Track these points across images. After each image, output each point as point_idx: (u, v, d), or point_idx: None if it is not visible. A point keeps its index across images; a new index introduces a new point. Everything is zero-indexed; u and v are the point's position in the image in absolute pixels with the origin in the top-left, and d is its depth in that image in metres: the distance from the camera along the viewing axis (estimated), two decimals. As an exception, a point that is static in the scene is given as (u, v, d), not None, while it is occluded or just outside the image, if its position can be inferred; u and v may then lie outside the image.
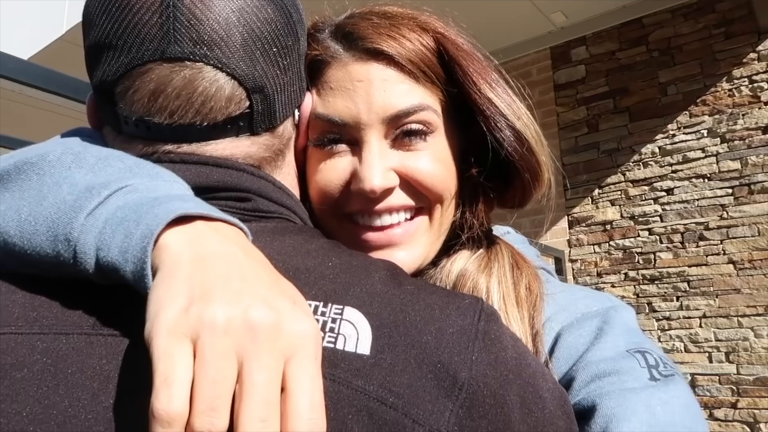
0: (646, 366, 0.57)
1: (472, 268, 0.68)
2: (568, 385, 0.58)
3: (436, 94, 0.67)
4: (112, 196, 0.44)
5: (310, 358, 0.37)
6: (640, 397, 0.53)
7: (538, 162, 0.67)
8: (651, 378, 0.56)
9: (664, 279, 3.96)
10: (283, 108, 0.57)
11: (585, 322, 0.64)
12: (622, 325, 0.63)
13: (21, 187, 0.47)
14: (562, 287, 0.71)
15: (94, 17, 0.52)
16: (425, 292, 0.50)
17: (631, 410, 0.52)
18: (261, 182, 0.56)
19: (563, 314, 0.65)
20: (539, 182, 0.69)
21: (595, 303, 0.67)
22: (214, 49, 0.50)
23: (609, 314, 0.64)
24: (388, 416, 0.41)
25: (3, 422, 0.39)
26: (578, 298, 0.68)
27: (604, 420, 0.52)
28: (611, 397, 0.54)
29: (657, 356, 0.59)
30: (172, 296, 0.37)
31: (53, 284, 0.45)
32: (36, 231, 0.44)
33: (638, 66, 4.19)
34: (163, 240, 0.41)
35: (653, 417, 0.52)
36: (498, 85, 0.67)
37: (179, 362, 0.35)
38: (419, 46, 0.65)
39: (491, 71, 0.68)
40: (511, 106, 0.67)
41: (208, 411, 0.34)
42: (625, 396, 0.54)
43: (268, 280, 0.41)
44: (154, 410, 0.34)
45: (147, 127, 0.52)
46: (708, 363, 3.75)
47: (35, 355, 0.41)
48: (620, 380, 0.55)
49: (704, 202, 3.85)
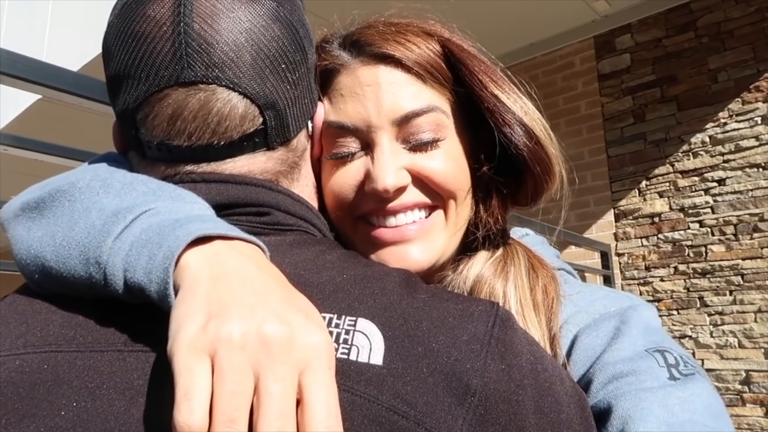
0: (665, 365, 0.56)
1: (488, 273, 0.69)
2: (586, 387, 0.57)
3: (444, 95, 0.68)
4: (136, 220, 0.47)
5: (323, 369, 0.39)
6: (657, 397, 0.53)
7: (548, 155, 0.68)
8: (670, 377, 0.55)
9: (716, 272, 3.83)
10: (296, 121, 0.58)
11: (602, 323, 0.63)
12: (641, 325, 0.62)
13: (55, 213, 0.50)
14: (581, 288, 0.71)
15: (112, 49, 0.56)
16: (439, 299, 0.50)
17: (647, 410, 0.52)
18: (279, 196, 0.57)
19: (581, 316, 0.65)
20: (551, 176, 0.69)
21: (613, 303, 0.66)
22: (226, 71, 0.52)
23: (627, 314, 0.63)
24: (401, 425, 0.42)
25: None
26: (597, 298, 0.68)
27: (620, 421, 0.52)
28: (627, 397, 0.53)
29: (677, 355, 0.58)
30: (192, 314, 0.39)
31: (89, 305, 0.48)
32: (70, 255, 0.47)
33: (686, 53, 4.05)
34: (183, 260, 0.43)
35: (671, 416, 0.51)
36: (504, 83, 0.68)
37: (198, 377, 0.37)
38: (425, 49, 0.67)
39: (497, 71, 0.69)
40: (518, 102, 0.67)
41: (228, 423, 0.36)
42: (641, 396, 0.53)
43: (282, 295, 0.43)
44: (176, 423, 0.36)
45: (168, 150, 0.55)
46: (763, 359, 3.61)
47: (74, 371, 0.44)
48: (638, 380, 0.55)
49: (759, 193, 3.70)
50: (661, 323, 0.66)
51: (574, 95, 4.55)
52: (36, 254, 0.49)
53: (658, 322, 0.65)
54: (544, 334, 0.63)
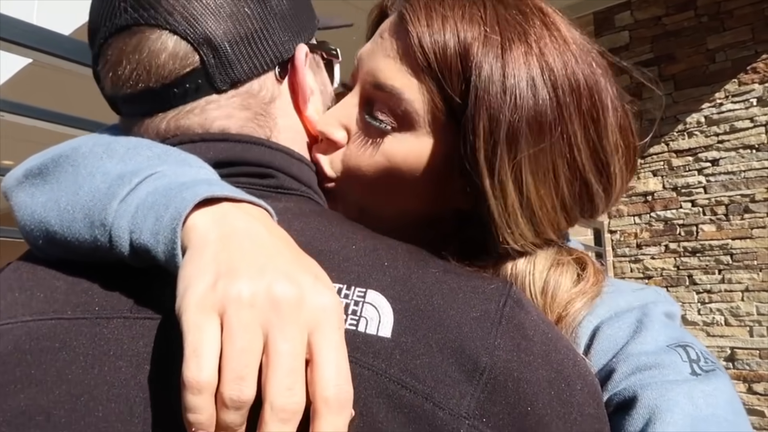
0: (688, 360, 0.56)
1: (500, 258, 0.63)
2: (608, 377, 0.57)
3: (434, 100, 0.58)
4: (142, 183, 0.45)
5: (333, 329, 0.39)
6: (683, 389, 0.52)
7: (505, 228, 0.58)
8: (692, 372, 0.54)
9: (706, 252, 3.87)
10: (247, 60, 0.55)
11: (624, 315, 0.62)
12: (663, 319, 0.61)
13: (58, 179, 0.49)
14: (609, 283, 0.67)
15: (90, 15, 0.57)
16: (451, 275, 0.49)
17: (673, 401, 0.51)
18: (282, 156, 0.56)
19: (602, 308, 0.63)
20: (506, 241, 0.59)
21: (637, 299, 0.64)
22: (152, 11, 0.52)
23: (648, 308, 0.62)
24: (408, 400, 0.42)
25: (53, 400, 0.41)
26: (621, 293, 0.65)
27: (647, 411, 0.51)
28: (653, 388, 0.53)
29: (699, 350, 0.57)
30: (200, 273, 0.39)
31: (94, 270, 0.47)
32: (74, 219, 0.46)
33: (685, 32, 4.03)
34: (191, 221, 0.42)
35: (696, 409, 0.51)
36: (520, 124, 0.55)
37: (208, 334, 0.36)
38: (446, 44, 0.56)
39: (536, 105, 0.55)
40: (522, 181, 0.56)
41: (237, 380, 0.36)
42: (667, 388, 0.52)
43: (291, 257, 0.42)
44: (184, 379, 0.36)
45: (123, 101, 0.55)
46: (749, 337, 3.69)
47: (80, 338, 0.44)
48: (661, 373, 0.54)
49: (751, 174, 3.72)
50: (680, 319, 0.65)
51: None
52: (40, 219, 0.48)
53: (678, 318, 0.64)
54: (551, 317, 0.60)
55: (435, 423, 0.41)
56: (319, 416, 0.36)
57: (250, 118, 0.56)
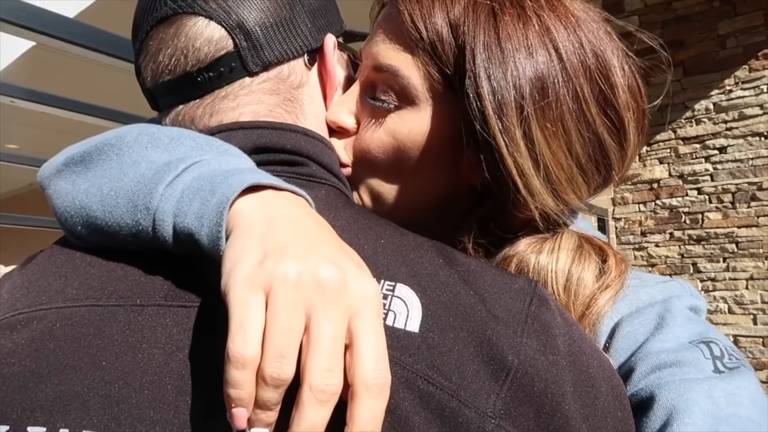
0: (711, 357, 0.54)
1: (521, 248, 0.63)
2: (627, 376, 0.55)
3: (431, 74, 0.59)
4: (188, 170, 0.46)
5: (374, 316, 0.39)
6: (702, 388, 0.50)
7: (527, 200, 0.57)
8: (715, 370, 0.53)
9: (711, 240, 3.86)
10: (279, 45, 0.58)
11: (645, 311, 0.60)
12: (685, 314, 0.59)
13: (102, 167, 0.50)
14: (633, 275, 0.65)
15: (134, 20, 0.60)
16: (478, 273, 0.49)
17: (692, 401, 0.50)
18: (316, 144, 0.57)
19: (622, 303, 0.61)
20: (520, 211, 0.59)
21: (660, 293, 0.62)
22: (188, 0, 0.55)
23: (671, 302, 0.60)
24: (435, 396, 0.41)
25: (87, 386, 0.42)
26: (644, 286, 0.63)
27: (665, 411, 0.50)
28: (671, 388, 0.51)
29: (723, 346, 0.55)
30: (248, 251, 0.39)
31: (131, 257, 0.48)
32: (117, 204, 0.46)
33: (696, 17, 3.97)
34: (236, 206, 0.43)
35: (717, 408, 0.49)
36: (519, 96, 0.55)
37: (254, 310, 0.37)
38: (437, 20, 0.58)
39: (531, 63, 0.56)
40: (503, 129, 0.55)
41: (279, 358, 0.36)
42: (686, 387, 0.51)
43: (335, 243, 0.43)
44: (230, 353, 0.36)
45: (165, 90, 0.57)
46: (752, 325, 3.69)
47: (114, 325, 0.44)
48: (682, 371, 0.52)
49: (759, 162, 3.69)
50: (705, 313, 0.63)
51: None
52: (81, 205, 0.48)
53: (703, 313, 0.63)
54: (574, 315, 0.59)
55: (461, 421, 0.41)
56: (358, 399, 0.36)
57: (278, 103, 0.58)
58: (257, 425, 0.37)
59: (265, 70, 0.57)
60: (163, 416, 0.41)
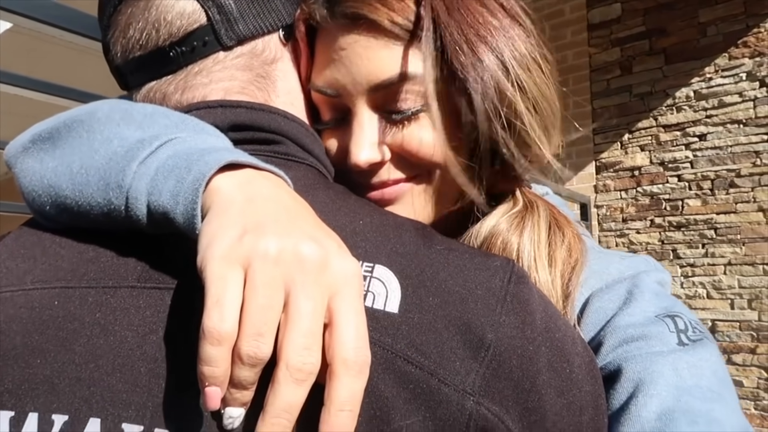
0: (675, 330, 0.56)
1: (503, 226, 0.64)
2: (596, 350, 0.57)
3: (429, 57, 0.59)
4: (162, 147, 0.45)
5: (354, 295, 0.38)
6: (667, 361, 0.53)
7: (522, 137, 0.60)
8: (679, 342, 0.55)
9: (690, 226, 3.92)
10: (253, 19, 0.56)
11: (614, 287, 0.62)
12: (652, 289, 0.61)
13: (72, 144, 0.48)
14: (599, 253, 0.68)
15: None
16: (456, 252, 0.49)
17: (657, 373, 0.52)
18: (292, 125, 0.56)
19: (593, 279, 0.63)
20: (526, 160, 0.61)
21: (628, 268, 0.65)
22: None
23: (639, 278, 0.62)
24: (413, 374, 0.41)
25: (56, 369, 0.41)
26: (612, 262, 0.66)
27: (631, 384, 0.52)
28: (638, 361, 0.53)
29: (687, 320, 0.58)
30: (226, 227, 0.38)
31: (103, 238, 0.46)
32: (88, 182, 0.44)
33: (678, 4, 3.99)
34: (213, 183, 0.42)
35: (680, 380, 0.51)
36: (491, 39, 0.58)
37: (231, 285, 0.36)
38: (405, 4, 0.58)
39: (491, 17, 0.59)
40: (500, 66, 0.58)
41: (256, 335, 0.35)
42: (651, 360, 0.53)
43: (315, 222, 0.42)
44: (205, 328, 0.35)
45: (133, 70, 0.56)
46: (729, 309, 3.76)
47: (85, 307, 0.43)
48: (648, 345, 0.55)
49: (737, 149, 3.74)
50: (670, 287, 0.65)
51: (562, 45, 4.48)
52: (50, 184, 0.47)
53: (669, 286, 0.65)
54: (557, 293, 0.61)
55: (440, 399, 0.41)
56: (336, 378, 0.36)
57: (250, 80, 0.57)
58: (232, 404, 0.36)
59: (240, 44, 0.56)
60: (135, 399, 0.40)
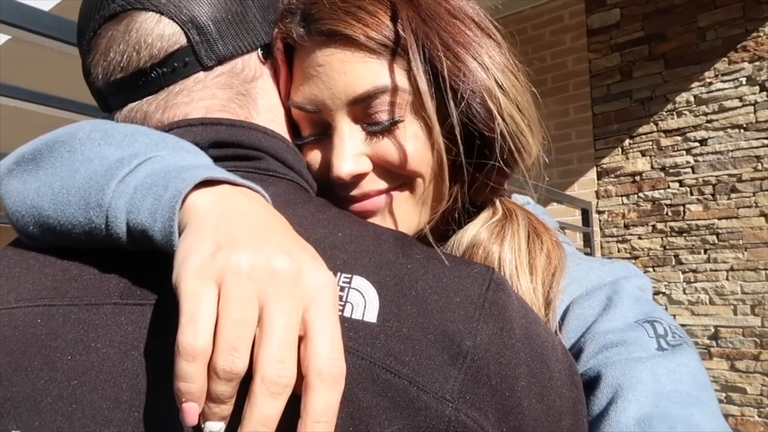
0: (655, 336, 0.57)
1: (484, 236, 0.66)
2: (577, 357, 0.58)
3: (405, 69, 0.61)
4: (141, 165, 0.45)
5: (328, 306, 0.39)
6: (646, 366, 0.53)
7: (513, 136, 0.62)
8: (659, 348, 0.55)
9: (692, 231, 3.90)
10: (233, 39, 0.58)
11: (594, 293, 0.63)
12: (632, 295, 0.62)
13: (53, 164, 0.49)
14: (579, 259, 0.69)
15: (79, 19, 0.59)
16: (435, 261, 0.50)
17: (636, 379, 0.52)
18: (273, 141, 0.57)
19: (574, 286, 0.64)
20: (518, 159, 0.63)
21: (608, 274, 0.66)
22: None
23: (619, 284, 0.63)
24: (392, 383, 0.42)
25: (39, 387, 0.41)
26: (592, 268, 0.67)
27: (611, 390, 0.53)
28: (617, 366, 0.54)
29: (667, 325, 0.58)
30: (200, 243, 0.39)
31: (86, 256, 0.47)
32: (69, 202, 0.45)
33: (676, 9, 4.00)
34: (190, 200, 0.43)
35: (659, 385, 0.52)
36: (470, 47, 0.60)
37: (205, 302, 0.36)
38: (379, 20, 0.59)
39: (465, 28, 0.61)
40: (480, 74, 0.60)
41: (230, 350, 0.35)
42: (630, 365, 0.54)
43: (290, 236, 0.43)
44: (179, 345, 0.35)
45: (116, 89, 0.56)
46: (732, 315, 3.74)
47: (68, 325, 0.43)
48: (627, 350, 0.55)
49: (738, 154, 3.74)
50: (651, 292, 0.66)
51: (562, 50, 4.49)
52: (33, 205, 0.47)
53: (649, 292, 0.65)
54: (537, 301, 0.62)
55: (419, 406, 0.41)
56: (312, 390, 0.36)
57: (231, 98, 0.58)
58: (212, 418, 0.36)
59: (220, 64, 0.57)
60: (117, 415, 0.40)
